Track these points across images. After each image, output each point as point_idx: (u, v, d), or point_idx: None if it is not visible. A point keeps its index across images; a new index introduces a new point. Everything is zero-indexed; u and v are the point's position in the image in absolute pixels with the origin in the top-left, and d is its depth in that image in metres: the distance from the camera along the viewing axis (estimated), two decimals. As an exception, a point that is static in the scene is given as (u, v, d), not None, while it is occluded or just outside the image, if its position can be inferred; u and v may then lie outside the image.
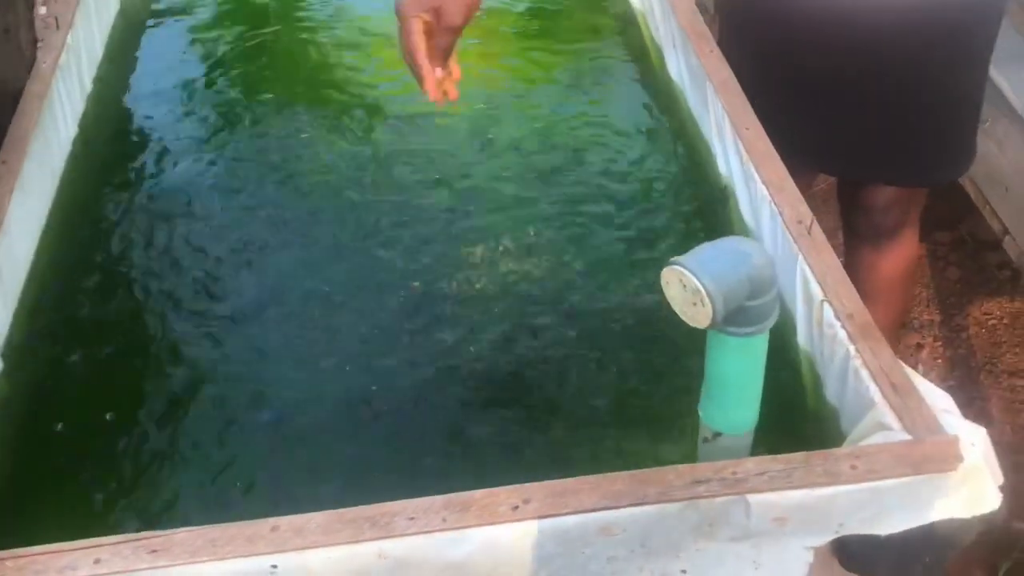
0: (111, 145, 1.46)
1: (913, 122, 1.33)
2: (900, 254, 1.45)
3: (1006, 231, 1.50)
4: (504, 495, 0.79)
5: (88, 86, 1.50)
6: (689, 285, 0.72)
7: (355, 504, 0.79)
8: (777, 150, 1.17)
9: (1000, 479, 0.86)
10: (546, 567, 0.82)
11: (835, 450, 0.83)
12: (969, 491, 0.83)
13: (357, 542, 0.77)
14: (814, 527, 0.84)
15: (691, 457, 0.97)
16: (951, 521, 0.84)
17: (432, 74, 1.09)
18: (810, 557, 0.86)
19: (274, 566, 0.77)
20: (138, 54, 1.67)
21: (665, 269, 0.74)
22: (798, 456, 0.82)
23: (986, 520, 0.86)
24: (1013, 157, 1.46)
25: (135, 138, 1.49)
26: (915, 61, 1.27)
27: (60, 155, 1.36)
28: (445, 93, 1.12)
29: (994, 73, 1.44)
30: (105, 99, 1.52)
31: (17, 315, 1.13)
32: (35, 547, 0.77)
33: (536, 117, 1.50)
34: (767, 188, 1.13)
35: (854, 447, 0.84)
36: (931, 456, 0.82)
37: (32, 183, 1.23)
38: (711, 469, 0.81)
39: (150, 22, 1.75)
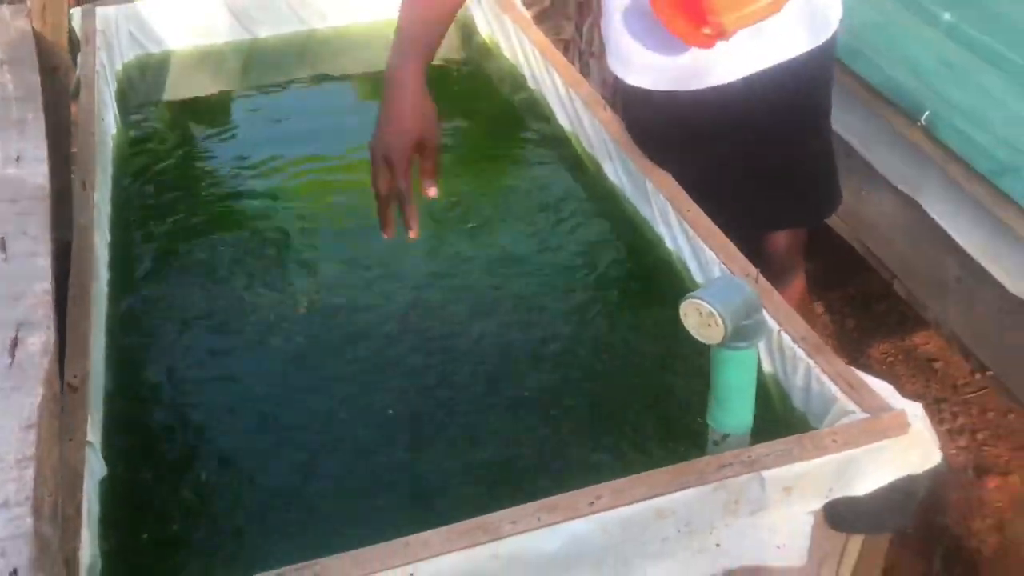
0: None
1: (790, 176, 1.64)
2: (797, 287, 1.75)
3: (894, 276, 1.84)
4: (581, 495, 1.01)
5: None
6: (704, 311, 0.98)
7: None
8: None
9: (938, 442, 1.13)
10: (615, 551, 1.03)
11: (819, 431, 1.09)
12: (918, 451, 1.10)
13: (474, 546, 0.97)
14: (811, 493, 1.08)
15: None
16: (908, 478, 1.11)
17: (415, 211, 1.32)
18: (812, 520, 1.11)
19: (411, 572, 0.96)
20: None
21: (683, 303, 1.00)
22: (793, 438, 1.08)
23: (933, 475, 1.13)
24: (890, 216, 1.81)
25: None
26: (777, 129, 1.58)
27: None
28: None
29: (864, 152, 1.80)
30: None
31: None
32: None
33: (492, 232, 1.77)
34: (715, 253, 1.42)
35: (832, 428, 1.10)
36: (888, 426, 1.09)
37: None
38: (731, 456, 1.05)
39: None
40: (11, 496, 0.80)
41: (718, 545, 1.08)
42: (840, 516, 1.12)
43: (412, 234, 1.32)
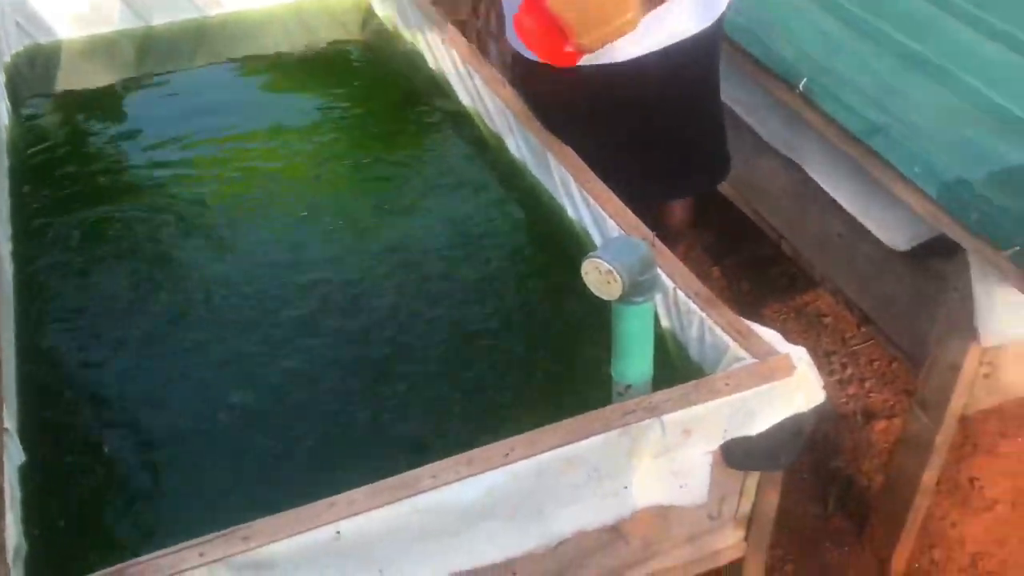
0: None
1: (683, 150, 1.74)
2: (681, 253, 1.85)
3: (781, 237, 1.95)
4: (496, 448, 1.07)
5: None
6: (602, 269, 1.05)
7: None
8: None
9: (822, 383, 1.23)
10: (529, 499, 1.10)
11: (713, 376, 1.17)
12: (803, 391, 1.19)
13: (397, 501, 1.02)
14: (708, 434, 1.16)
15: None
16: (795, 417, 1.20)
17: None
18: (710, 460, 1.19)
19: (338, 532, 1.00)
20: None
21: (584, 263, 1.07)
22: (689, 384, 1.15)
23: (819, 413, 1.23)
24: (776, 180, 1.92)
25: None
26: (670, 104, 1.67)
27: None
28: None
29: (750, 120, 1.89)
30: None
31: None
32: (145, 556, 0.96)
33: (401, 210, 1.82)
34: (615, 221, 1.49)
35: (725, 372, 1.18)
36: (775, 369, 1.17)
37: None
38: (633, 403, 1.13)
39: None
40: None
41: (626, 488, 1.16)
42: (736, 455, 1.21)
43: None
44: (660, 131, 1.70)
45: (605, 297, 1.08)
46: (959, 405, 1.53)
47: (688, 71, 1.67)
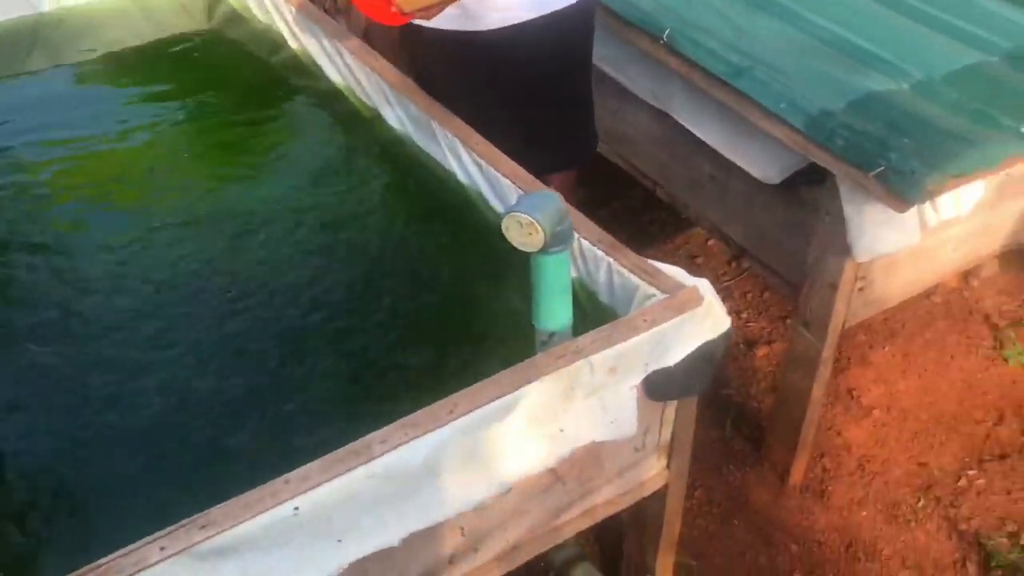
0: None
1: (560, 121, 1.80)
2: None
3: (656, 184, 2.04)
4: (439, 407, 1.10)
5: None
6: (524, 222, 1.08)
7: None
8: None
9: (725, 310, 1.31)
10: (475, 452, 1.13)
11: (631, 315, 1.23)
12: (711, 320, 1.27)
13: (351, 470, 1.04)
14: (632, 370, 1.23)
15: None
16: (706, 344, 1.28)
17: None
18: (635, 394, 1.26)
19: (296, 508, 1.01)
20: None
21: (504, 219, 1.10)
22: (609, 325, 1.21)
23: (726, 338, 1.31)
24: (646, 131, 2.00)
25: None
26: (544, 74, 1.72)
27: None
28: None
29: (616, 75, 1.97)
30: None
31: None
32: (104, 558, 0.94)
33: (285, 196, 1.80)
34: (510, 180, 1.53)
35: (641, 310, 1.24)
36: (686, 301, 1.24)
37: None
38: (561, 349, 1.17)
39: None
40: None
41: (561, 430, 1.21)
42: (656, 387, 1.27)
43: None
44: (542, 101, 1.74)
45: (527, 249, 1.12)
46: (839, 321, 1.66)
47: (564, 43, 1.73)
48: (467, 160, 1.63)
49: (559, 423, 1.20)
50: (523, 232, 1.10)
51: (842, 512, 1.92)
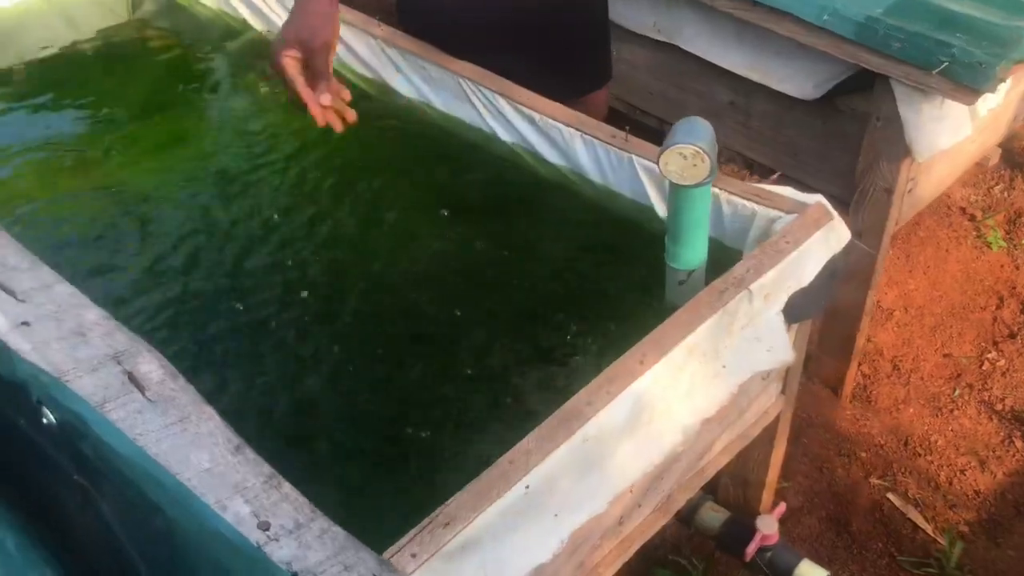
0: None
1: (591, 38, 1.74)
2: None
3: (662, 121, 2.02)
4: (629, 358, 1.04)
5: None
6: (687, 154, 1.04)
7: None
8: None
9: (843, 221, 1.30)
10: (660, 400, 1.08)
11: (772, 239, 1.20)
12: (836, 233, 1.26)
13: (569, 437, 0.97)
14: (780, 294, 1.20)
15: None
16: (831, 258, 1.27)
17: (315, 101, 1.26)
18: (783, 318, 1.23)
19: (527, 487, 0.94)
20: None
21: (664, 153, 1.05)
22: (756, 251, 1.18)
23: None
24: (647, 67, 1.97)
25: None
26: (566, 9, 1.66)
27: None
28: (341, 118, 1.29)
29: (616, 18, 1.92)
30: None
31: None
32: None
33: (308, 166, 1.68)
34: (572, 128, 1.47)
35: (782, 231, 1.21)
36: (818, 218, 1.23)
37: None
38: (722, 282, 1.14)
39: None
40: None
41: (724, 367, 1.18)
42: (793, 308, 1.26)
43: (336, 127, 1.30)
44: (564, 17, 1.66)
45: (687, 183, 1.08)
46: (892, 225, 1.69)
47: None
48: (512, 115, 1.55)
49: (721, 360, 1.16)
50: (687, 165, 1.05)
51: (891, 413, 1.97)
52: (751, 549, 1.42)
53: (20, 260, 0.83)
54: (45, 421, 0.68)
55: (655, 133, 2.10)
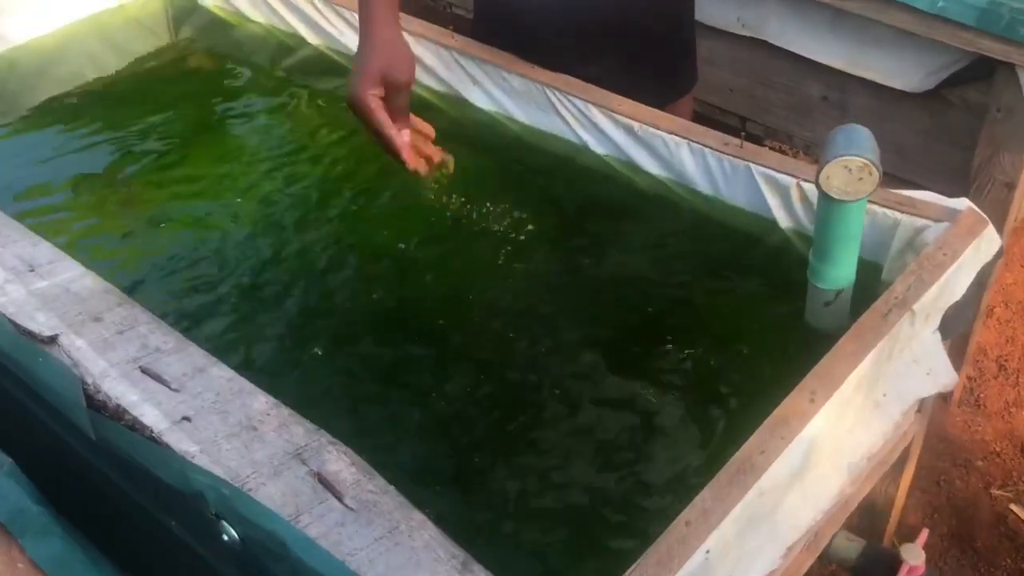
0: None
1: (682, 39, 1.63)
2: None
3: (745, 120, 1.91)
4: (798, 396, 0.94)
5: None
6: (854, 167, 0.93)
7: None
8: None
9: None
10: (829, 441, 0.98)
11: (928, 251, 1.10)
12: (988, 241, 1.16)
13: (744, 492, 0.87)
14: (935, 313, 1.10)
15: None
16: (984, 267, 1.16)
17: (406, 143, 1.16)
18: (939, 338, 1.13)
19: (707, 552, 0.84)
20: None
21: (826, 167, 0.95)
22: (914, 266, 1.08)
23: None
24: (728, 64, 1.87)
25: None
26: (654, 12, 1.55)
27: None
28: (428, 162, 1.20)
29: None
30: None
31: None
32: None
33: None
34: (678, 136, 1.37)
35: (937, 241, 1.11)
36: (972, 226, 1.12)
37: None
38: (883, 304, 1.03)
39: None
40: None
41: (884, 395, 1.07)
42: (945, 324, 1.15)
43: (422, 171, 1.22)
44: (654, 30, 1.55)
45: (848, 199, 0.97)
46: (1012, 220, 1.58)
47: None
48: (606, 125, 1.45)
49: (882, 388, 1.06)
50: (852, 178, 0.95)
51: (1003, 417, 1.86)
52: (899, 583, 1.32)
53: (164, 339, 0.73)
54: (226, 539, 0.58)
55: (735, 132, 1.99)
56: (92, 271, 0.95)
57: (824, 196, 1.01)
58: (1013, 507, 1.70)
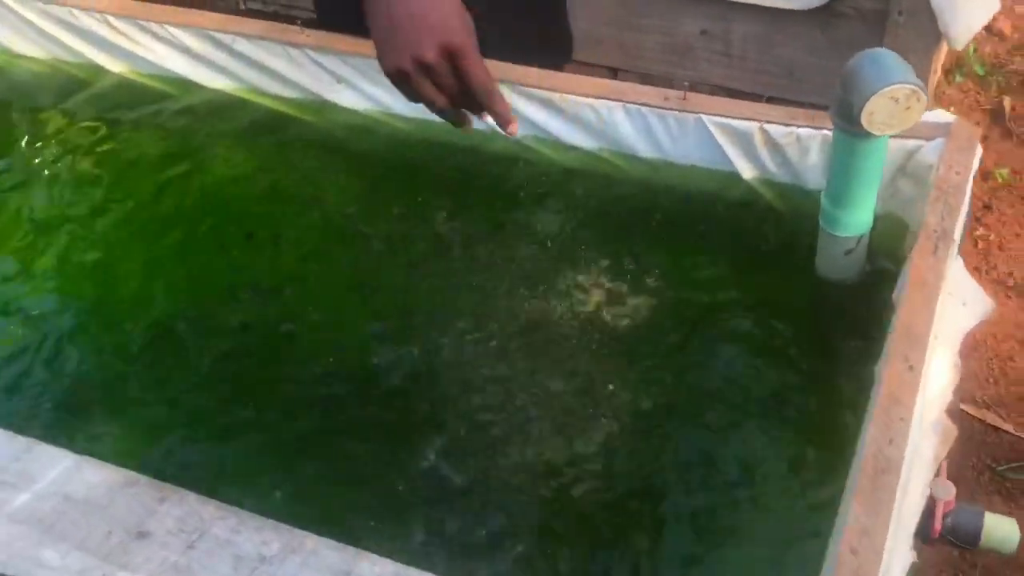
0: None
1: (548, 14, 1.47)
2: None
3: (617, 70, 1.78)
4: (894, 369, 0.82)
5: None
6: (901, 95, 0.81)
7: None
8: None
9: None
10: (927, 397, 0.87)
11: (942, 172, 1.00)
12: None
13: (893, 495, 0.74)
14: (959, 237, 1.01)
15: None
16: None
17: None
18: (962, 263, 1.04)
19: (881, 578, 0.70)
20: None
21: (869, 102, 0.82)
22: (934, 192, 0.98)
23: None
24: (595, 14, 1.72)
25: None
26: None
27: None
28: None
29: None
30: None
31: None
32: None
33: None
34: (609, 99, 1.21)
35: (944, 160, 1.01)
36: (968, 134, 1.04)
37: None
38: (927, 241, 0.93)
39: None
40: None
41: (935, 338, 0.97)
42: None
43: (511, 129, 0.92)
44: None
45: (893, 131, 0.85)
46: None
47: None
48: (517, 102, 1.27)
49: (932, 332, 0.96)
50: (898, 108, 0.83)
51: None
52: (938, 524, 1.25)
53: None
54: None
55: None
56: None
57: (850, 135, 0.89)
58: (963, 406, 1.70)
